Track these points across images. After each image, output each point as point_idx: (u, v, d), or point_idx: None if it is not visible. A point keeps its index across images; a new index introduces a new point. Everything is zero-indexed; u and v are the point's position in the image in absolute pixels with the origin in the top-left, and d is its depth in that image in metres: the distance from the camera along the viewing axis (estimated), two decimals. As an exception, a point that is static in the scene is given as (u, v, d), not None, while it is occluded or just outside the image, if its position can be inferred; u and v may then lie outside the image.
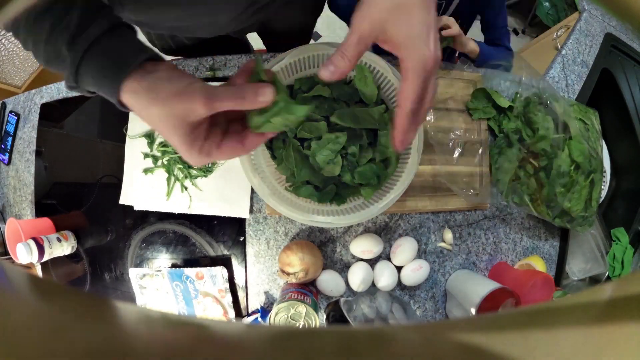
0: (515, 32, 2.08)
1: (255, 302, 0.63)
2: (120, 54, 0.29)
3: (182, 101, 0.27)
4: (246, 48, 0.93)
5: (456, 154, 0.66)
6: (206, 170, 0.62)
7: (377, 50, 0.39)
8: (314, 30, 1.87)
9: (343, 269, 0.63)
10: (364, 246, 0.60)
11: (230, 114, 0.32)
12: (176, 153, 0.62)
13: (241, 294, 0.63)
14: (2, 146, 0.78)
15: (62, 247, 0.65)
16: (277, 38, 0.79)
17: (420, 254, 0.65)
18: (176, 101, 0.27)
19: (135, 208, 0.64)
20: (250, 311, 0.63)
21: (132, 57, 0.28)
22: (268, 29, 0.75)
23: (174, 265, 0.64)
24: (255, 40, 0.87)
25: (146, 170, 0.64)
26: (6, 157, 0.77)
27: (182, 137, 0.29)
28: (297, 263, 0.55)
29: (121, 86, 0.28)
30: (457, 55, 0.88)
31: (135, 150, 0.65)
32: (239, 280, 0.63)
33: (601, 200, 0.85)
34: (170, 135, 0.29)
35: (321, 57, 0.50)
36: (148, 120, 0.29)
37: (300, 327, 0.50)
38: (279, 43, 0.81)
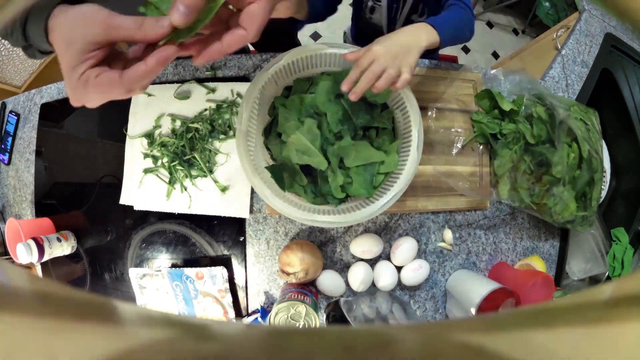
0: (515, 32, 2.08)
1: (255, 302, 0.63)
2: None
3: (84, 19, 0.32)
4: (241, 49, 0.93)
5: (456, 154, 0.66)
6: (208, 171, 0.62)
7: None
8: (314, 30, 1.87)
9: (343, 269, 0.63)
10: (364, 246, 0.60)
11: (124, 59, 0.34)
12: (176, 154, 0.62)
13: (241, 294, 0.63)
14: (2, 146, 0.78)
15: (62, 247, 0.65)
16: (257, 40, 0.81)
17: (420, 254, 0.65)
18: (79, 19, 0.32)
19: (135, 208, 0.64)
20: (250, 311, 0.63)
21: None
22: None
23: (174, 265, 0.64)
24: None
25: (146, 170, 0.64)
26: (6, 157, 0.77)
27: (73, 54, 0.31)
28: (297, 263, 0.55)
29: (49, 17, 0.33)
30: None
31: (135, 150, 0.65)
32: (239, 280, 0.63)
33: (601, 200, 0.85)
34: (65, 50, 0.32)
35: (320, 57, 0.50)
36: (56, 39, 0.33)
37: (300, 327, 0.50)
38: (262, 44, 0.82)
